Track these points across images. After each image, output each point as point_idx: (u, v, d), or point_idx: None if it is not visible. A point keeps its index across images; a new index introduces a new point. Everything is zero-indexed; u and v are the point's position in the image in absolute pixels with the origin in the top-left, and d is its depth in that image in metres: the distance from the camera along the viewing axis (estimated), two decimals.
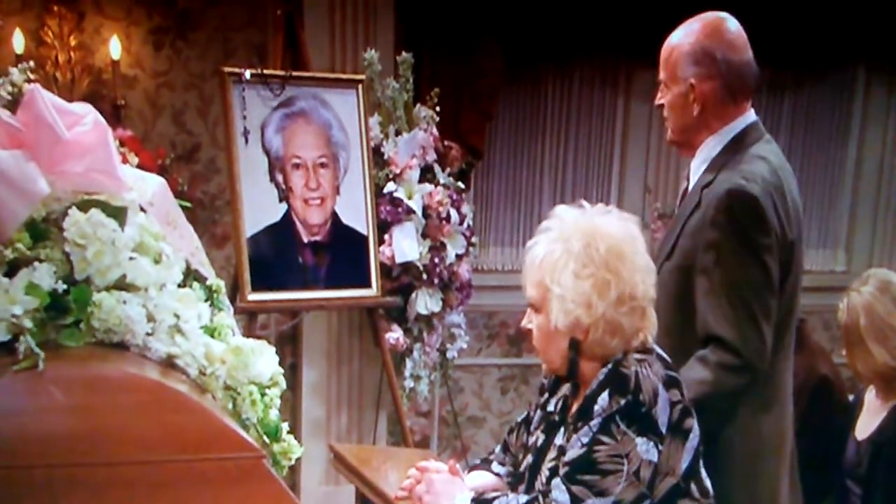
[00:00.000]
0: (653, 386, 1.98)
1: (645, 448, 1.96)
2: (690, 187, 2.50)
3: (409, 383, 4.12)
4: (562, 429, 2.14)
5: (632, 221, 2.13)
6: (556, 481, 2.00)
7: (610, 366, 2.03)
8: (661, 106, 2.51)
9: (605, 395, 1.99)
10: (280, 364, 1.80)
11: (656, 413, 1.97)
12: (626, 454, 1.96)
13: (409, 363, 4.10)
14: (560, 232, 2.08)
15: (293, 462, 1.76)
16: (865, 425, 3.05)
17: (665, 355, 2.11)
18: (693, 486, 2.04)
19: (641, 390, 1.97)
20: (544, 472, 2.12)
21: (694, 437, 2.04)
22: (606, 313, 2.02)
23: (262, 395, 1.73)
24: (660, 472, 1.99)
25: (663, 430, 1.98)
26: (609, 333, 2.04)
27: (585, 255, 2.03)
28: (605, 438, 1.97)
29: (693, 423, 2.05)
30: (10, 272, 1.58)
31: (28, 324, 1.51)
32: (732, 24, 2.45)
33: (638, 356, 2.04)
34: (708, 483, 2.09)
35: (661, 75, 2.47)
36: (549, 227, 2.11)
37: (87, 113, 1.76)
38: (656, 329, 2.10)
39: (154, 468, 1.49)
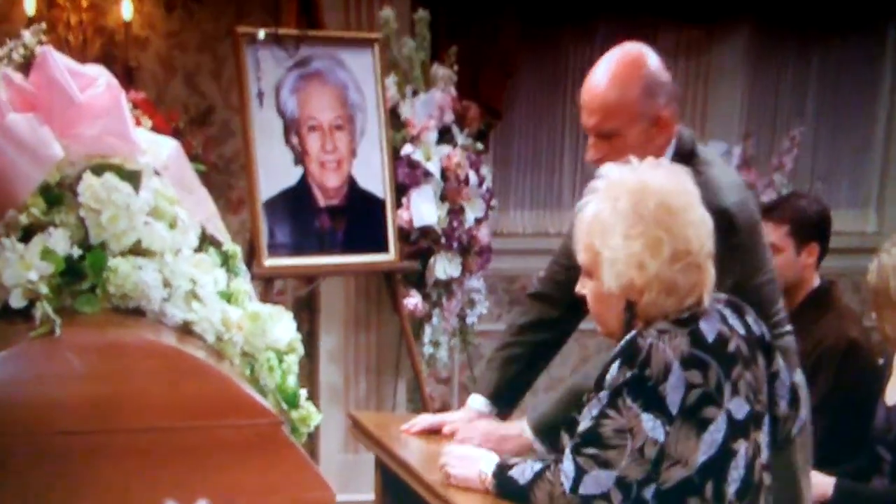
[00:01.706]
0: (665, 360, 1.90)
1: (651, 425, 1.90)
2: None
3: (428, 349, 4.11)
4: None
5: (683, 173, 2.07)
6: (567, 450, 1.99)
7: (630, 335, 1.98)
8: (601, 160, 2.36)
9: (615, 365, 1.95)
10: (297, 330, 1.79)
11: (665, 390, 1.90)
12: (631, 429, 1.91)
13: (428, 329, 4.09)
14: (607, 192, 2.02)
15: (312, 429, 1.76)
16: (894, 390, 3.02)
17: (713, 330, 1.98)
18: (708, 486, 1.95)
19: (650, 364, 1.90)
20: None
21: (716, 431, 1.94)
22: (660, 273, 1.96)
23: (280, 361, 1.73)
24: (667, 456, 1.93)
25: (673, 411, 1.90)
26: (664, 293, 1.97)
27: (634, 213, 1.97)
28: (611, 412, 1.93)
29: (716, 415, 1.94)
30: (25, 237, 1.59)
31: (44, 289, 1.53)
32: (647, 48, 2.47)
33: (662, 326, 1.96)
34: (731, 489, 1.97)
35: (608, 126, 2.38)
36: (596, 188, 2.06)
37: (99, 75, 1.77)
38: (713, 285, 2.01)
39: (172, 435, 1.51)
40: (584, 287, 2.12)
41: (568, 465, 1.97)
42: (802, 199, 3.44)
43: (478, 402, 2.57)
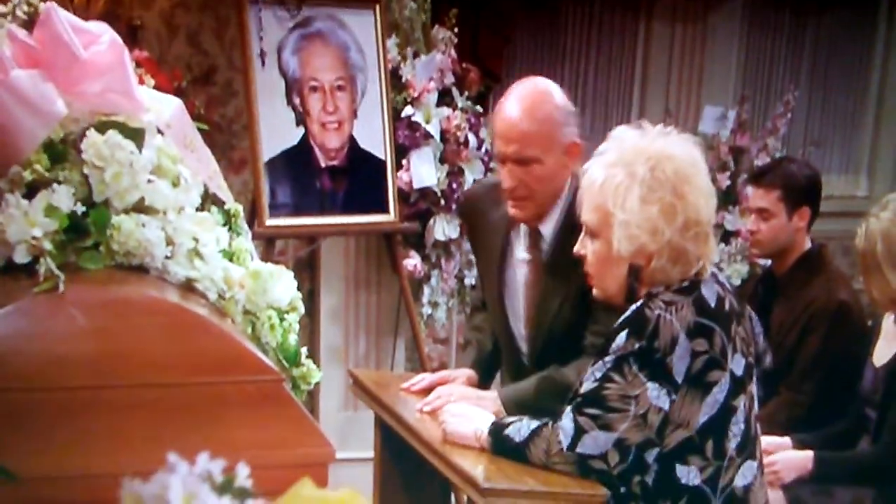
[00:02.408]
0: (673, 333, 1.93)
1: (656, 394, 1.93)
2: (549, 249, 2.48)
3: (426, 310, 4.12)
4: None
5: (692, 142, 2.08)
6: (567, 409, 2.01)
7: (637, 304, 1.99)
8: (517, 187, 2.42)
9: (623, 334, 1.96)
10: (298, 289, 1.80)
11: (672, 361, 1.92)
12: (635, 396, 1.93)
13: (426, 290, 4.10)
14: (620, 155, 2.02)
15: (312, 386, 1.78)
16: (882, 352, 3.04)
17: (712, 294, 2.01)
18: (709, 444, 1.98)
19: (658, 336, 1.92)
20: None
21: (719, 392, 1.97)
22: (672, 239, 1.97)
23: (281, 319, 1.73)
24: (671, 422, 1.96)
25: (679, 380, 1.93)
26: (672, 260, 1.98)
27: (652, 178, 1.97)
28: (616, 377, 1.95)
29: (721, 377, 1.97)
30: (29, 194, 1.58)
31: (48, 246, 1.52)
32: (552, 82, 2.52)
33: (669, 297, 1.97)
34: (731, 445, 2.01)
35: (528, 152, 2.40)
36: (607, 150, 2.06)
37: (103, 32, 1.75)
38: (716, 257, 2.05)
39: (174, 391, 1.50)
40: (584, 247, 2.11)
41: (567, 424, 1.99)
42: (793, 163, 3.45)
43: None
